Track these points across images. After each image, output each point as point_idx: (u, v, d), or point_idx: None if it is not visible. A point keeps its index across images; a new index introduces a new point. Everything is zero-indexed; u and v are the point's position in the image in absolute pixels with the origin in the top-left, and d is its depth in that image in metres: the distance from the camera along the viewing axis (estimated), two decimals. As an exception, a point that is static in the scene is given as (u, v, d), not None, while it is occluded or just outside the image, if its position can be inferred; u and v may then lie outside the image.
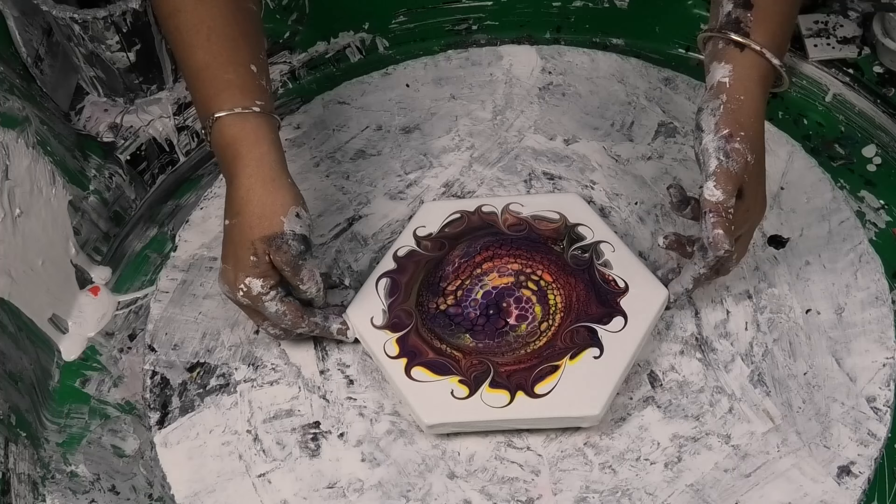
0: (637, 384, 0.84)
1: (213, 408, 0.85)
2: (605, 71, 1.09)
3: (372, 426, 0.83)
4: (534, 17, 1.19)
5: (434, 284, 0.88)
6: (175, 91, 1.11)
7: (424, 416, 0.80)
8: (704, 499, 0.78)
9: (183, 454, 0.83)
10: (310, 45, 1.18)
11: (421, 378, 0.82)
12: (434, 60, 1.11)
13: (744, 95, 0.79)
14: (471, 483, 0.80)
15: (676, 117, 1.03)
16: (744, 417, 0.82)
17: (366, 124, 1.05)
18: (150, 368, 0.88)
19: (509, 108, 1.06)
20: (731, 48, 0.80)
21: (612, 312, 0.84)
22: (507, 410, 0.80)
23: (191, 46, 0.81)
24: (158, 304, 0.92)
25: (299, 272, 0.80)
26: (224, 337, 0.90)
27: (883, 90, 1.06)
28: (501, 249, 0.90)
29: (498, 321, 0.85)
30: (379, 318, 0.86)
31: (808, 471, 0.79)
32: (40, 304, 0.92)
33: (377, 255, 0.94)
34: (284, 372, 0.87)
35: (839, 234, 0.92)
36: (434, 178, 1.00)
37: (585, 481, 0.79)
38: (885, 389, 0.82)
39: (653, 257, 0.92)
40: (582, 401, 0.80)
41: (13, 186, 0.89)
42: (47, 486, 0.86)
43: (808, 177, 0.97)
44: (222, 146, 0.80)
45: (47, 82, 1.05)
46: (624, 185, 0.98)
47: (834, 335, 0.86)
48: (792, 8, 0.80)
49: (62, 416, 0.91)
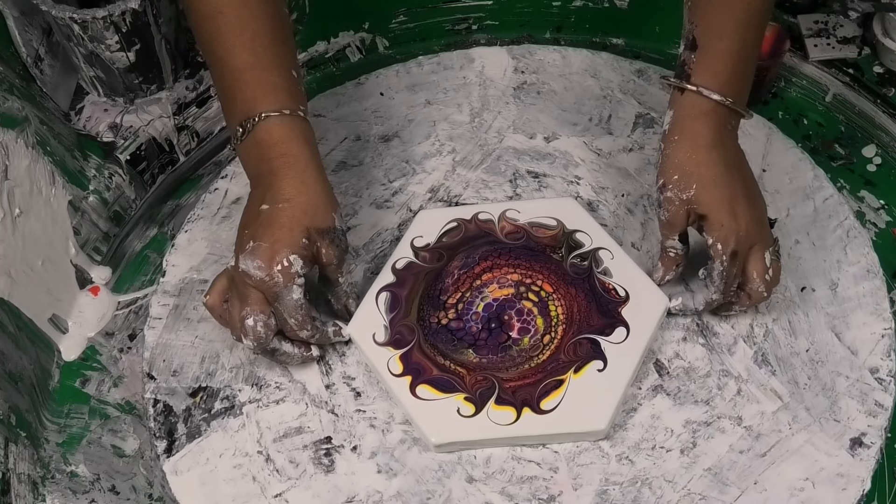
0: (644, 373, 0.84)
1: (221, 431, 0.84)
2: (577, 67, 1.09)
3: (384, 437, 0.82)
4: (534, 17, 1.20)
5: (434, 298, 0.87)
6: (175, 91, 1.10)
7: (432, 435, 0.80)
8: (723, 481, 0.78)
9: (195, 481, 0.81)
10: (310, 44, 1.18)
11: (426, 396, 0.82)
12: (406, 67, 1.11)
13: (678, 135, 0.82)
14: (490, 485, 0.79)
15: (653, 108, 1.04)
16: (752, 398, 0.83)
17: (344, 135, 1.05)
18: (152, 397, 0.86)
19: (486, 110, 1.06)
20: (675, 92, 0.83)
21: (614, 323, 0.85)
22: (514, 428, 0.80)
23: (233, 47, 0.81)
24: (153, 332, 0.90)
25: (342, 266, 0.84)
26: (224, 359, 0.88)
27: (883, 90, 1.08)
28: (500, 259, 0.90)
29: (500, 335, 0.85)
30: (381, 335, 0.85)
31: (822, 445, 0.80)
32: (40, 304, 0.92)
33: (370, 265, 0.93)
34: (289, 390, 0.86)
35: (825, 211, 0.94)
36: (419, 184, 0.99)
37: (604, 474, 0.79)
38: (887, 359, 0.84)
39: (645, 247, 0.93)
40: (588, 416, 0.80)
41: (13, 186, 0.88)
42: (47, 486, 0.85)
43: (788, 157, 0.98)
44: (268, 144, 0.81)
45: (47, 82, 1.04)
46: (609, 179, 0.98)
47: (831, 311, 0.87)
48: (739, 45, 0.81)
49: (62, 416, 0.90)
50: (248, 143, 0.81)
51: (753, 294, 0.82)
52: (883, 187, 1.02)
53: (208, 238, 0.96)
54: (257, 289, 0.78)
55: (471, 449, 0.81)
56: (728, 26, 0.81)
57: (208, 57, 0.84)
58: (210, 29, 0.82)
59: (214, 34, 0.82)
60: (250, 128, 0.81)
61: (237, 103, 0.82)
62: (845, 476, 0.78)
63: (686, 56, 0.83)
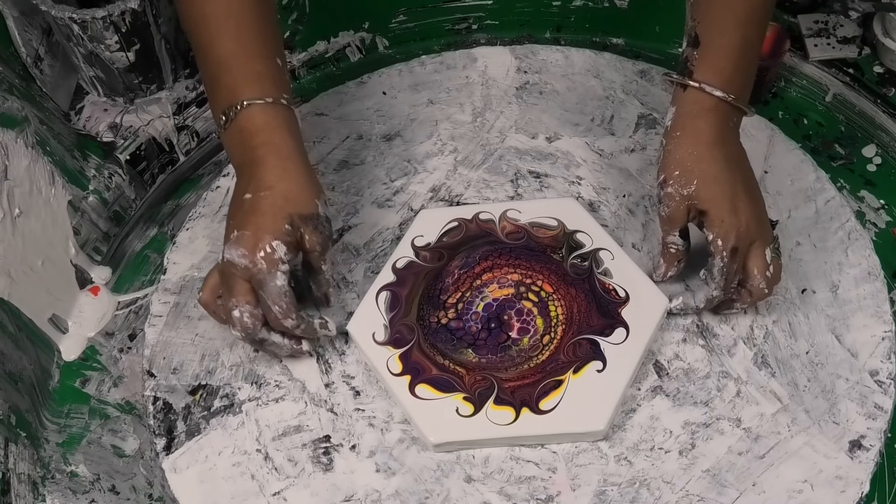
0: (643, 374, 0.84)
1: (220, 429, 0.84)
2: (579, 67, 1.09)
3: (383, 436, 0.82)
4: (534, 17, 1.20)
5: (434, 297, 0.88)
6: (175, 91, 1.11)
7: (431, 435, 0.80)
8: (721, 483, 0.78)
9: (194, 478, 0.82)
10: (310, 44, 1.18)
11: (425, 396, 0.82)
12: (408, 67, 1.11)
13: (680, 131, 0.82)
14: (488, 485, 0.79)
15: (655, 108, 1.04)
16: (752, 400, 0.82)
17: (346, 134, 1.05)
18: (152, 394, 0.87)
19: (488, 110, 1.06)
20: (678, 89, 0.84)
21: (613, 324, 0.85)
22: (513, 428, 0.80)
23: (218, 35, 0.81)
24: (153, 329, 0.91)
25: (325, 254, 0.83)
26: (224, 357, 0.88)
27: (883, 90, 1.08)
28: (501, 259, 0.90)
29: (500, 335, 0.85)
30: (380, 334, 0.85)
31: (821, 448, 0.80)
32: (40, 304, 0.92)
33: (371, 265, 0.93)
34: (289, 388, 0.86)
35: (826, 213, 0.94)
36: (420, 183, 0.99)
37: (602, 475, 0.79)
38: (887, 362, 0.84)
39: (646, 248, 0.92)
40: (587, 417, 0.80)
41: (12, 186, 0.89)
42: (47, 486, 0.85)
43: (790, 159, 0.98)
44: (250, 131, 0.80)
45: (47, 82, 1.05)
46: (610, 179, 0.98)
47: (831, 313, 0.87)
48: (741, 41, 0.81)
49: (62, 416, 0.91)
50: (231, 131, 0.81)
51: (754, 291, 0.82)
52: (883, 187, 1.02)
53: (209, 236, 0.96)
54: (243, 278, 0.78)
55: (469, 449, 0.81)
56: (730, 23, 0.81)
57: (194, 45, 0.84)
58: (196, 16, 0.82)
59: (200, 21, 0.82)
60: (233, 116, 0.81)
61: (221, 91, 0.82)
62: (844, 478, 0.78)
63: (688, 52, 0.83)
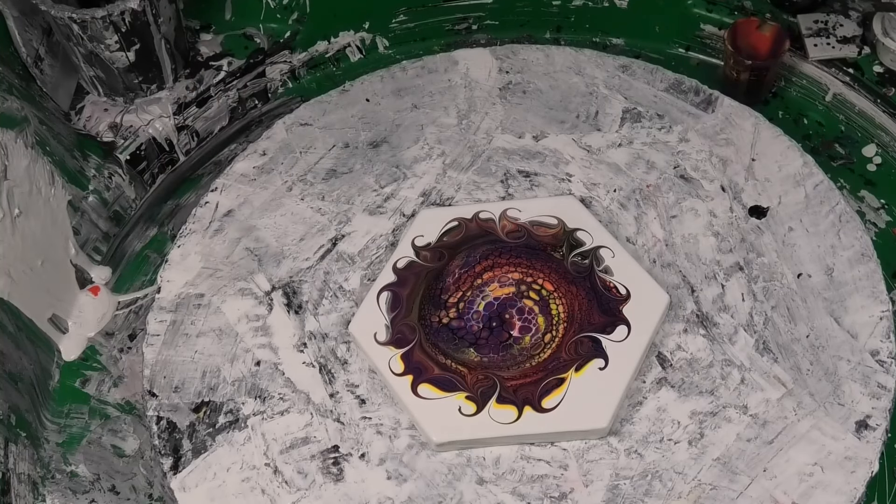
0: (647, 367, 0.85)
1: (227, 445, 0.83)
2: (561, 65, 1.09)
3: (392, 443, 0.82)
4: (534, 17, 1.20)
5: (435, 297, 0.87)
6: (175, 91, 1.11)
7: (433, 434, 0.80)
8: (733, 470, 0.79)
9: (204, 497, 0.81)
10: (310, 44, 1.18)
11: (428, 395, 0.82)
12: (389, 72, 1.10)
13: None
14: (501, 486, 0.79)
15: (639, 102, 1.04)
16: (756, 386, 0.83)
17: (332, 143, 1.04)
18: (154, 414, 0.86)
19: (473, 112, 1.06)
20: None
21: (615, 321, 0.85)
22: (516, 426, 0.80)
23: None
24: (151, 349, 0.90)
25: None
26: (225, 373, 0.88)
27: (883, 90, 1.09)
28: (501, 258, 0.90)
29: (501, 334, 0.85)
30: (382, 334, 0.85)
31: (828, 430, 0.80)
32: (40, 304, 0.92)
33: (367, 272, 0.93)
34: (293, 400, 0.85)
35: (816, 197, 0.94)
36: (410, 188, 0.99)
37: (614, 469, 0.80)
38: (887, 342, 0.84)
39: (640, 241, 0.93)
40: (589, 414, 0.80)
41: (12, 186, 0.88)
42: (47, 486, 0.85)
43: (777, 145, 0.99)
44: None
45: (47, 82, 1.04)
46: (600, 174, 0.98)
47: (828, 296, 0.88)
48: None
49: (62, 416, 0.90)
50: None
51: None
52: (883, 187, 1.03)
53: (202, 252, 0.96)
54: None
55: (472, 448, 0.81)
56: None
57: None
58: None
59: None
60: None
61: None
62: (853, 459, 0.79)
63: None
